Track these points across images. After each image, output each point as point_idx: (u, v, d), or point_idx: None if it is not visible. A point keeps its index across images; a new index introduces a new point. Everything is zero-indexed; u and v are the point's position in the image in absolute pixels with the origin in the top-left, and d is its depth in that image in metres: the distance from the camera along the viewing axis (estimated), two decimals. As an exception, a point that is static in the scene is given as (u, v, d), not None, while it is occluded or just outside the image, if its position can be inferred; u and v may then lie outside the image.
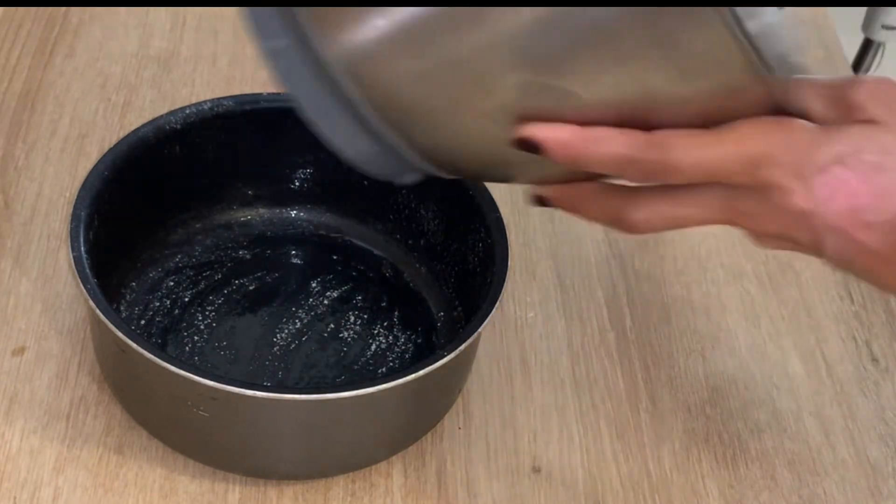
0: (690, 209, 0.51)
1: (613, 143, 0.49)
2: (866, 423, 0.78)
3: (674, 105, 0.49)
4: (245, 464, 0.70)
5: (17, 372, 0.74)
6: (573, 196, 0.56)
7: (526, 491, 0.72)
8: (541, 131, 0.50)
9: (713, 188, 0.50)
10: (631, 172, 0.50)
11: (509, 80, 0.49)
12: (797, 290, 0.86)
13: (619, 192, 0.54)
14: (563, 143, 0.50)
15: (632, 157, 0.49)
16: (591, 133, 0.50)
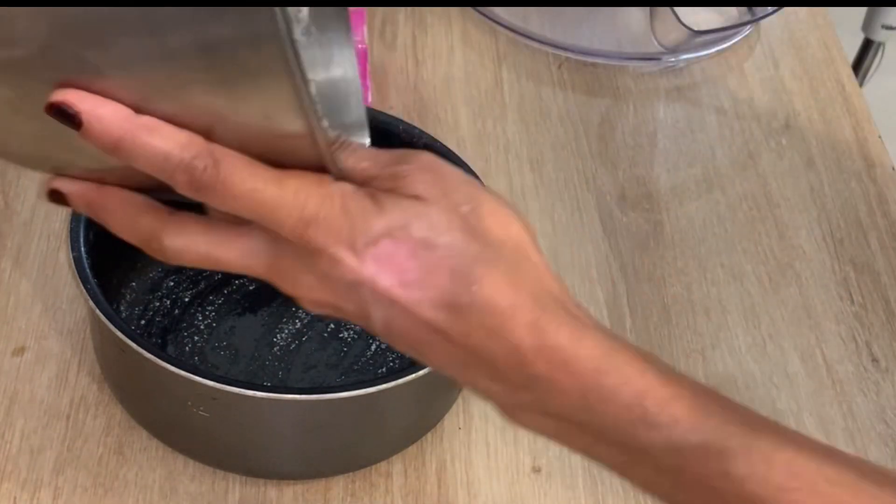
0: (231, 253, 0.49)
1: (168, 138, 0.45)
2: (866, 423, 0.78)
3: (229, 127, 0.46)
4: (245, 464, 0.70)
5: (17, 372, 0.74)
6: (100, 197, 0.50)
7: (526, 491, 0.72)
8: (80, 100, 0.45)
9: (260, 237, 0.48)
10: (179, 178, 0.46)
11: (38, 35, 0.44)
12: (797, 290, 0.86)
13: (158, 212, 0.49)
14: (105, 119, 0.45)
15: (185, 162, 0.45)
16: (144, 120, 0.46)
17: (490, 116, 0.96)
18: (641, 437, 0.47)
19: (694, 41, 1.01)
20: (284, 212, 0.46)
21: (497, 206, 0.48)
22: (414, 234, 0.46)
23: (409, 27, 1.03)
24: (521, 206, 0.89)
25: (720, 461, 0.47)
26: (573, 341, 0.46)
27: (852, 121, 0.99)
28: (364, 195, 0.47)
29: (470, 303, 0.46)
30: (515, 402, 0.48)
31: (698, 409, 0.47)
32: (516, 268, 0.47)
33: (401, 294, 0.46)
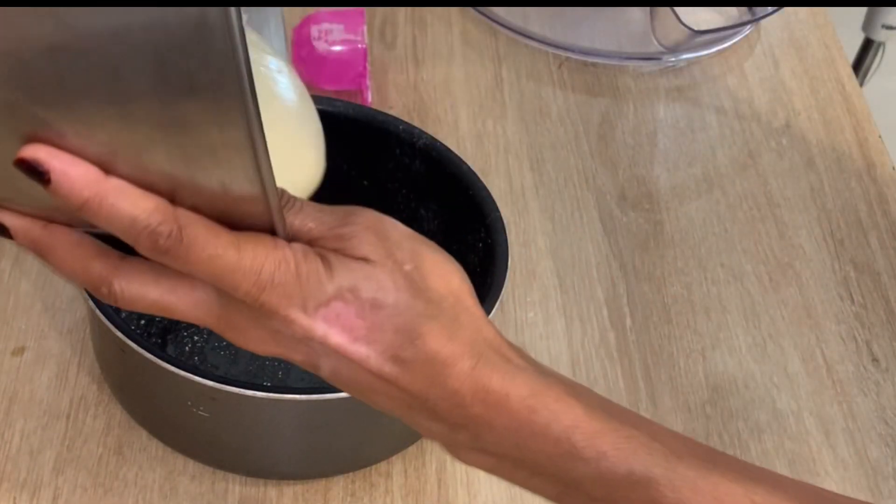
0: (182, 303, 0.50)
1: (136, 204, 0.46)
2: (866, 423, 0.78)
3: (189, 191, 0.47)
4: (245, 464, 0.70)
5: (17, 372, 0.74)
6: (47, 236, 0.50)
7: (526, 491, 0.72)
8: (51, 157, 0.46)
9: (211, 290, 0.49)
10: (143, 242, 0.47)
11: None
12: (797, 290, 0.86)
13: (109, 257, 0.50)
14: (74, 180, 0.46)
15: (150, 227, 0.47)
16: (113, 183, 0.46)
17: (490, 116, 0.96)
18: (571, 470, 0.50)
19: (694, 41, 1.01)
20: (240, 276, 0.48)
21: (437, 262, 0.51)
22: (362, 296, 0.49)
23: (409, 27, 1.03)
24: (520, 206, 0.89)
25: (647, 490, 0.50)
26: (505, 383, 0.50)
27: (852, 121, 0.99)
28: (315, 258, 0.49)
29: (413, 356, 0.49)
30: (455, 441, 0.52)
31: (623, 441, 0.50)
32: (455, 320, 0.50)
33: (350, 349, 0.49)
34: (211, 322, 0.50)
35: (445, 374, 0.49)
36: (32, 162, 0.46)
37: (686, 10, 1.00)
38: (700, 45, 1.02)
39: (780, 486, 0.51)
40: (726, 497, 0.49)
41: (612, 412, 0.51)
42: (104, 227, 0.47)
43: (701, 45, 1.02)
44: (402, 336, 0.49)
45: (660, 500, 0.50)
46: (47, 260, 0.50)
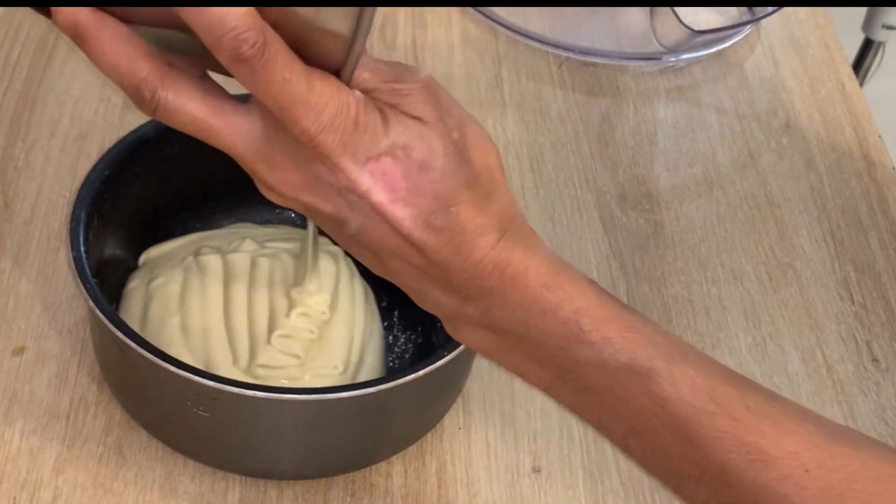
0: (226, 126, 0.49)
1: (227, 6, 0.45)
2: (866, 423, 0.78)
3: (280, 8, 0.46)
4: (245, 464, 0.70)
5: (17, 372, 0.74)
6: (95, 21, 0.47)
7: (526, 491, 0.72)
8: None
9: (258, 119, 0.49)
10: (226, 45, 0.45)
11: None
12: (797, 290, 0.86)
13: (159, 59, 0.48)
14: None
15: (238, 32, 0.45)
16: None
17: (490, 116, 0.96)
18: (573, 353, 0.50)
19: (694, 41, 1.01)
20: (304, 110, 0.47)
21: (479, 135, 0.52)
22: (413, 156, 0.49)
23: (409, 27, 1.03)
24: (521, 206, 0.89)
25: (645, 382, 0.50)
26: (525, 259, 0.50)
27: (852, 121, 0.99)
28: (374, 110, 0.49)
29: (445, 223, 0.49)
30: (461, 315, 0.52)
31: (630, 331, 0.50)
32: (488, 193, 0.51)
33: (388, 209, 0.49)
34: (248, 154, 0.49)
35: (472, 245, 0.50)
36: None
37: (686, 10, 1.00)
38: (700, 45, 1.02)
39: (776, 398, 0.51)
40: (722, 397, 0.49)
41: (624, 306, 0.52)
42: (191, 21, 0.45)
43: (701, 45, 1.02)
44: (439, 203, 0.49)
45: (657, 392, 0.50)
46: (89, 49, 0.48)
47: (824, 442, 0.49)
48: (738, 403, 0.49)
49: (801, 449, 0.49)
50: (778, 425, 0.49)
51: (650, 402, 0.50)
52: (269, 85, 0.46)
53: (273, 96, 0.47)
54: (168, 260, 0.76)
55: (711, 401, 0.49)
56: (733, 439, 0.49)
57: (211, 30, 0.45)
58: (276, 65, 0.46)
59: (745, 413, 0.49)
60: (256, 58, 0.46)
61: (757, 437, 0.49)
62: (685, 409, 0.49)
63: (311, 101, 0.47)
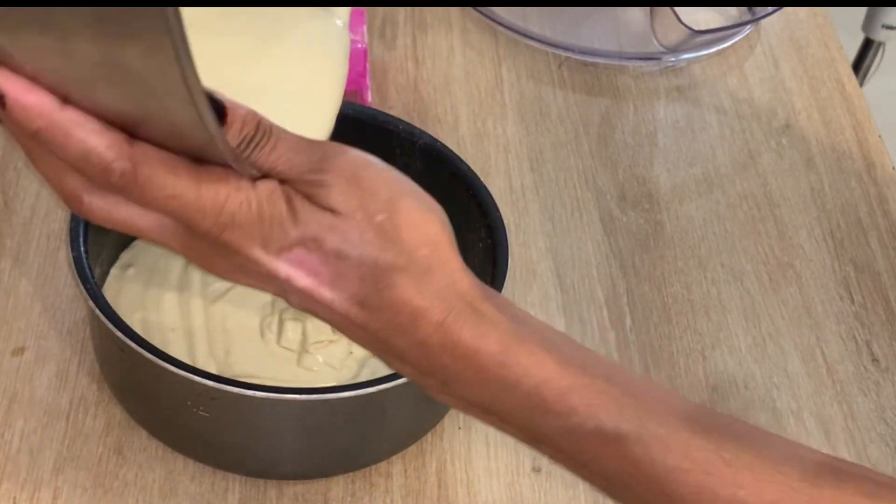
0: (151, 227, 0.49)
1: (87, 137, 0.46)
2: (866, 423, 0.78)
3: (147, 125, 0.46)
4: (245, 464, 0.70)
5: (17, 372, 0.74)
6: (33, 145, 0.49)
7: (526, 491, 0.72)
8: (6, 81, 0.45)
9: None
10: (98, 178, 0.47)
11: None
12: (797, 290, 0.86)
13: None
14: (29, 108, 0.45)
15: (104, 163, 0.46)
16: (67, 115, 0.46)
17: (490, 116, 0.96)
18: (541, 423, 0.50)
19: (694, 41, 1.01)
20: (200, 215, 0.47)
21: (414, 211, 0.50)
22: (325, 247, 0.48)
23: (409, 27, 1.03)
24: (520, 206, 0.89)
25: (615, 445, 0.49)
26: (476, 338, 0.49)
27: (852, 121, 0.99)
28: (280, 201, 0.48)
29: (379, 303, 0.49)
30: (425, 384, 0.51)
31: (595, 397, 0.50)
32: (427, 271, 0.49)
33: (315, 292, 0.49)
34: (178, 249, 0.50)
35: (414, 325, 0.49)
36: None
37: (686, 10, 1.00)
38: (700, 45, 1.02)
39: (753, 440, 0.51)
40: (696, 453, 0.49)
41: (587, 365, 0.51)
42: (60, 155, 0.47)
43: (701, 45, 1.02)
44: (367, 285, 0.48)
45: (628, 455, 0.49)
46: (34, 160, 0.50)
47: (806, 485, 0.49)
48: (712, 457, 0.49)
49: (782, 496, 0.49)
50: (756, 474, 0.49)
51: (623, 464, 0.50)
52: (154, 202, 0.47)
53: (163, 209, 0.48)
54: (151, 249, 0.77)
55: (685, 458, 0.49)
56: (710, 493, 0.49)
57: (78, 164, 0.47)
58: (153, 184, 0.47)
59: (721, 466, 0.49)
60: (131, 184, 0.47)
61: (735, 488, 0.49)
62: (658, 470, 0.49)
63: (204, 206, 0.47)
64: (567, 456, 0.51)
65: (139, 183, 0.47)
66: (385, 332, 0.49)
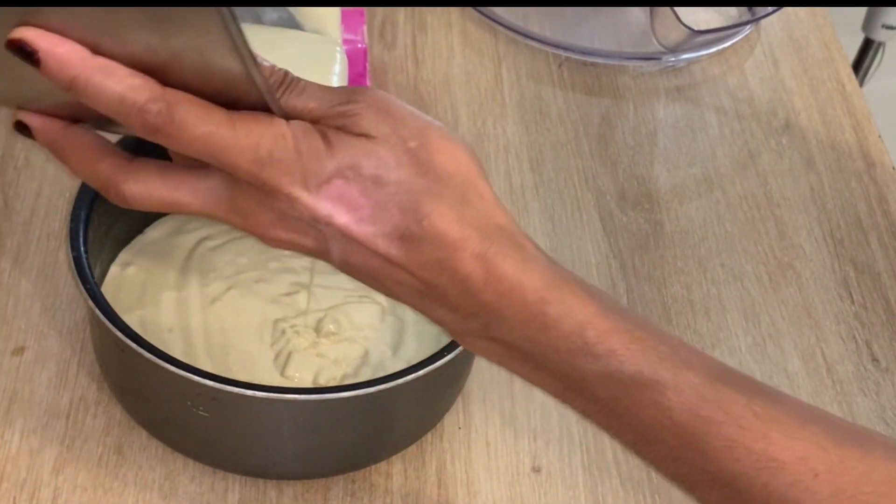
0: (190, 196, 0.50)
1: (122, 81, 0.47)
2: (866, 423, 0.78)
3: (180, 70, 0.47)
4: (245, 464, 0.70)
5: (17, 372, 0.74)
6: (62, 136, 0.51)
7: (526, 491, 0.72)
8: (38, 38, 0.46)
9: (218, 179, 0.49)
10: (134, 121, 0.47)
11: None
12: (797, 290, 0.86)
13: (117, 157, 0.51)
14: (60, 58, 0.46)
15: (138, 104, 0.47)
16: (100, 62, 0.47)
17: (490, 116, 0.96)
18: (580, 366, 0.50)
19: (694, 41, 1.01)
20: (237, 153, 0.47)
21: (444, 139, 0.50)
22: (364, 173, 0.48)
23: (409, 27, 1.03)
24: (520, 206, 0.89)
25: (652, 392, 0.49)
26: (519, 272, 0.49)
27: (852, 121, 0.99)
28: (315, 135, 0.48)
29: (420, 235, 0.48)
30: (465, 329, 0.51)
31: (635, 342, 0.50)
32: (463, 200, 0.49)
33: (355, 229, 0.48)
34: (221, 212, 0.50)
35: (455, 258, 0.48)
36: (20, 42, 0.46)
37: (686, 10, 1.00)
38: (700, 45, 1.02)
39: (781, 399, 0.51)
40: (729, 405, 0.49)
41: (627, 314, 0.51)
42: (95, 106, 0.48)
43: (701, 45, 1.02)
44: (407, 215, 0.48)
45: (664, 402, 0.49)
46: (63, 160, 0.51)
47: (832, 445, 0.49)
48: (745, 410, 0.49)
49: (810, 453, 0.49)
50: (786, 430, 0.49)
51: (657, 413, 0.50)
52: (192, 142, 0.48)
53: (202, 150, 0.48)
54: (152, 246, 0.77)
55: (718, 409, 0.49)
56: (742, 447, 0.49)
57: (114, 110, 0.47)
58: (189, 122, 0.47)
59: (752, 420, 0.49)
60: (167, 123, 0.47)
61: (765, 443, 0.49)
62: (692, 419, 0.49)
63: (241, 142, 0.47)
64: (602, 404, 0.51)
65: (175, 122, 0.47)
66: (427, 270, 0.49)
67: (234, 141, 0.47)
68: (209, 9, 0.43)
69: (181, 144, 0.48)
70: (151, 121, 0.47)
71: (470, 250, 0.48)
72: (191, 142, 0.48)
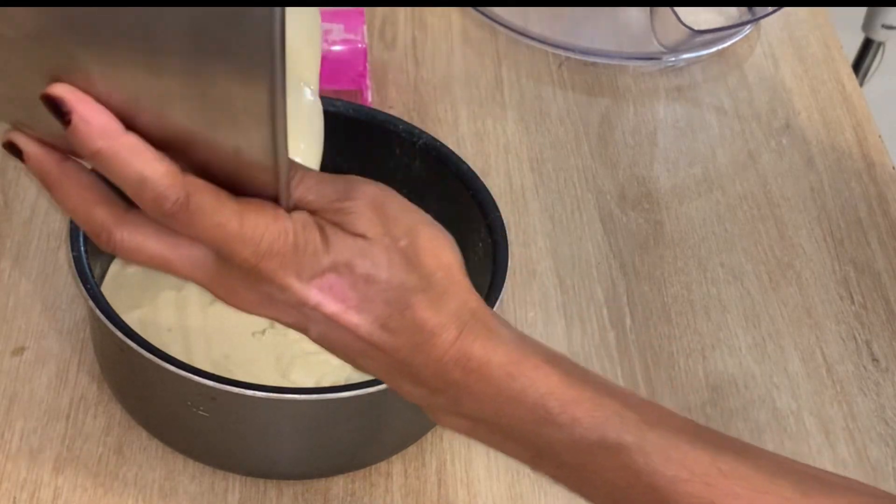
0: (180, 260, 0.51)
1: (147, 164, 0.47)
2: (866, 423, 0.78)
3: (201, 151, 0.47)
4: (245, 464, 0.70)
5: (17, 372, 0.74)
6: (58, 172, 0.50)
7: (526, 491, 0.72)
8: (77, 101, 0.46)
9: (211, 252, 0.50)
10: (148, 204, 0.48)
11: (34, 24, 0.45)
12: (797, 290, 0.86)
13: (114, 206, 0.50)
14: (93, 127, 0.47)
15: (158, 191, 0.47)
16: (130, 140, 0.47)
17: (490, 116, 0.96)
18: (545, 435, 0.52)
19: (694, 41, 1.01)
20: (240, 245, 0.49)
21: (432, 238, 0.53)
22: (357, 272, 0.51)
23: (409, 27, 1.03)
24: (520, 206, 0.89)
25: (617, 455, 0.51)
26: (487, 350, 0.52)
27: (852, 121, 0.99)
28: (314, 230, 0.50)
29: (401, 325, 0.51)
30: (434, 405, 0.54)
31: (598, 410, 0.52)
32: (444, 292, 0.52)
33: (342, 317, 0.51)
34: (206, 282, 0.51)
35: (431, 343, 0.51)
36: (58, 100, 0.47)
37: (686, 10, 1.00)
38: (700, 45, 1.02)
39: (749, 454, 0.53)
40: (694, 464, 0.51)
41: (588, 381, 0.53)
42: (110, 178, 0.48)
43: (701, 45, 1.02)
44: (392, 307, 0.51)
45: (631, 465, 0.51)
46: (53, 194, 0.51)
47: (799, 496, 0.51)
48: (710, 468, 0.51)
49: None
50: (751, 485, 0.51)
51: (625, 475, 0.51)
52: (200, 231, 0.49)
53: (207, 239, 0.49)
54: None
55: (684, 468, 0.51)
56: None
57: (132, 189, 0.48)
58: (202, 213, 0.48)
59: (718, 477, 0.51)
60: (181, 212, 0.48)
61: (731, 499, 0.50)
62: (658, 480, 0.51)
63: (245, 235, 0.49)
64: (571, 470, 0.53)
65: (190, 211, 0.48)
66: (404, 351, 0.51)
67: (239, 234, 0.49)
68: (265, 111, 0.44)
69: (188, 230, 0.49)
70: (167, 208, 0.48)
71: (445, 335, 0.51)
72: (198, 230, 0.49)
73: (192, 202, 0.48)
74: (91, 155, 0.47)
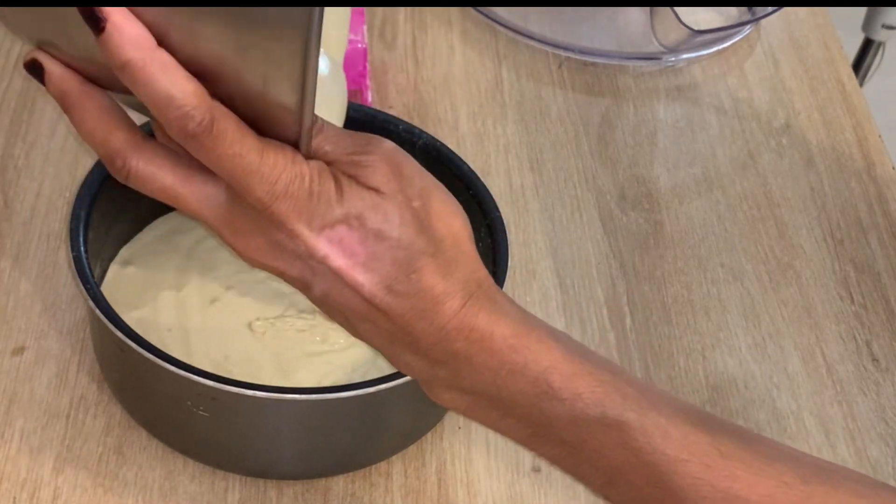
0: (190, 195, 0.50)
1: (177, 83, 0.46)
2: (866, 423, 0.78)
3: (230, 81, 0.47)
4: (245, 464, 0.70)
5: (17, 372, 0.74)
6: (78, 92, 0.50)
7: (526, 491, 0.72)
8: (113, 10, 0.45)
9: (223, 188, 0.50)
10: (173, 123, 0.47)
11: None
12: (797, 290, 0.86)
13: (133, 133, 0.50)
14: (127, 37, 0.45)
15: (184, 110, 0.47)
16: (162, 56, 0.46)
17: (490, 116, 0.96)
18: (546, 410, 0.51)
19: (694, 41, 1.01)
20: (256, 180, 0.48)
21: (444, 203, 0.52)
22: (368, 225, 0.50)
23: (409, 27, 1.03)
24: (520, 206, 0.89)
25: (617, 433, 0.51)
26: (490, 323, 0.51)
27: (852, 121, 0.99)
28: (329, 178, 0.50)
29: (407, 288, 0.50)
30: (433, 377, 0.53)
31: (600, 386, 0.51)
32: (452, 260, 0.51)
33: (348, 273, 0.50)
34: (214, 221, 0.51)
35: (435, 310, 0.51)
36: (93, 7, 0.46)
37: (686, 10, 1.00)
38: (700, 45, 1.02)
39: (749, 439, 0.52)
40: (694, 445, 0.51)
41: (591, 358, 0.52)
42: (139, 94, 0.47)
43: (701, 45, 1.02)
44: (399, 268, 0.50)
45: (630, 443, 0.51)
46: (71, 116, 0.50)
47: (798, 482, 0.50)
48: (710, 449, 0.51)
49: (775, 491, 0.50)
50: (751, 468, 0.50)
51: (624, 453, 0.51)
52: (219, 159, 0.48)
53: (225, 168, 0.48)
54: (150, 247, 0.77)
55: (684, 449, 0.51)
56: (707, 485, 0.50)
57: (159, 106, 0.47)
58: (224, 140, 0.48)
59: (717, 459, 0.50)
60: (204, 134, 0.47)
61: (730, 481, 0.50)
62: (658, 459, 0.50)
63: (263, 171, 0.48)
64: (569, 448, 0.52)
65: (213, 136, 0.47)
66: (407, 317, 0.51)
67: (257, 169, 0.48)
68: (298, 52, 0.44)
69: (207, 156, 0.48)
70: (191, 128, 0.47)
71: (450, 303, 0.51)
72: (218, 157, 0.48)
73: (215, 127, 0.47)
74: (121, 66, 0.46)
